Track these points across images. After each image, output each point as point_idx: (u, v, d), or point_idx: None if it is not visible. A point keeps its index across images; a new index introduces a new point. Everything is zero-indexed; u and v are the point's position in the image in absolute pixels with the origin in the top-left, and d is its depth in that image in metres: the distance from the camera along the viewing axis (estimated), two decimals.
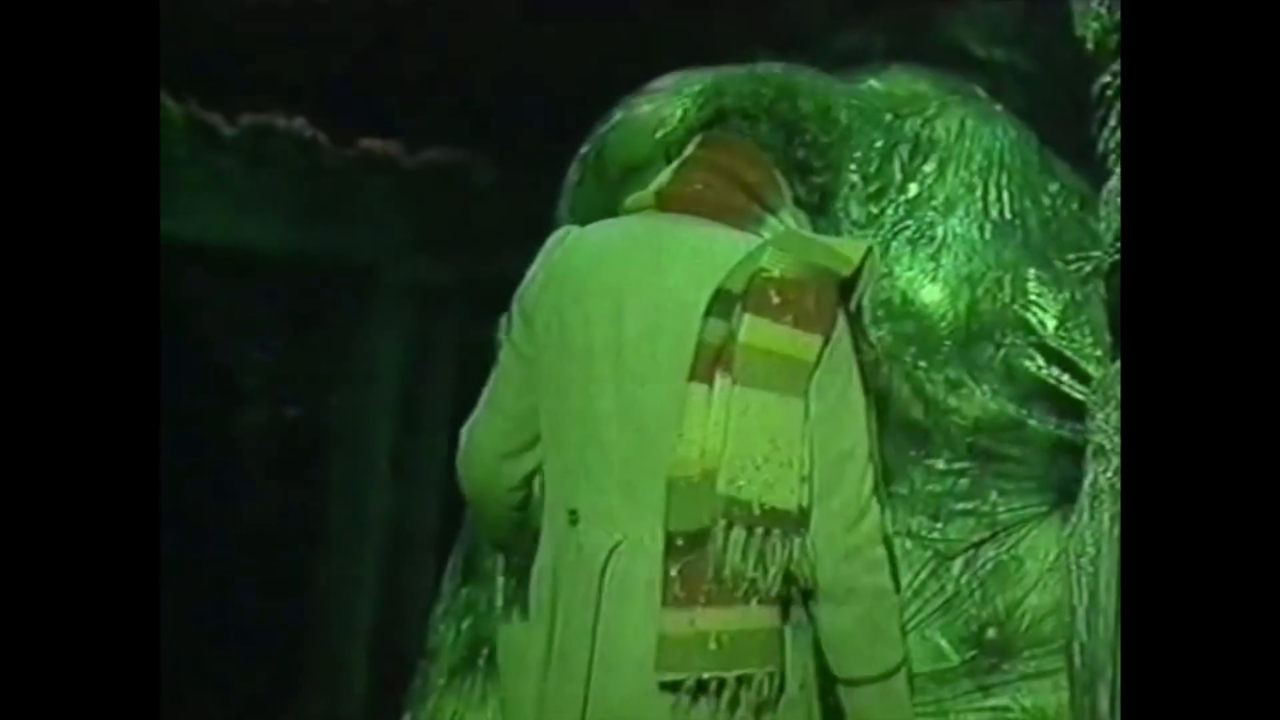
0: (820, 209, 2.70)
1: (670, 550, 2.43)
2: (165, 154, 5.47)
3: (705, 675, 2.40)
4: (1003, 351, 3.05)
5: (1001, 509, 3.08)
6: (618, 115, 3.22)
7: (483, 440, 2.67)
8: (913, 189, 3.12)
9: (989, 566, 3.07)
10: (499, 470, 2.66)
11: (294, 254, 5.86)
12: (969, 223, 3.10)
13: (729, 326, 2.44)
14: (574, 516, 2.53)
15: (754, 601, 2.41)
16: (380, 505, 5.75)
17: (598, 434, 2.52)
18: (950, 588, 3.07)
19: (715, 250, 2.50)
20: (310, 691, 5.73)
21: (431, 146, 5.93)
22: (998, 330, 3.05)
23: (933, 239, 3.08)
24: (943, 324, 3.03)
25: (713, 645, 2.40)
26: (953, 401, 3.04)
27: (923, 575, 3.07)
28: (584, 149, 3.23)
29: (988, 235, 3.10)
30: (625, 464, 2.50)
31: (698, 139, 2.68)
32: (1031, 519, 3.10)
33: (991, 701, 3.08)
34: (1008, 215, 3.12)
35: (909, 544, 3.07)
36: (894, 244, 3.08)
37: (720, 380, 2.43)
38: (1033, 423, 3.06)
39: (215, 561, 5.68)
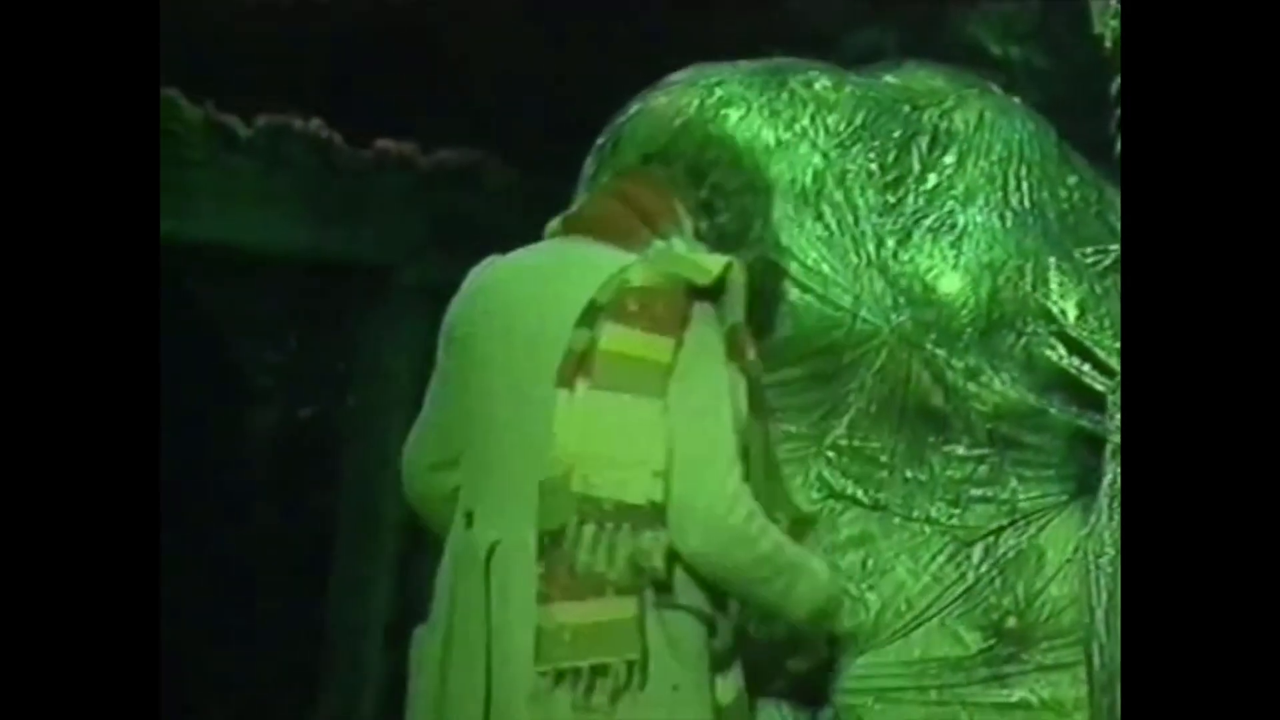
0: (738, 239, 2.80)
1: (541, 549, 2.57)
2: (182, 156, 5.52)
3: (563, 666, 2.53)
4: (1023, 340, 3.06)
5: (1021, 497, 3.09)
6: (635, 107, 3.23)
7: (412, 452, 2.86)
8: (932, 179, 3.12)
9: (1010, 555, 3.08)
10: (430, 480, 2.82)
11: (308, 254, 5.86)
12: (989, 212, 3.10)
13: (593, 335, 2.59)
14: (469, 519, 2.69)
15: (609, 593, 2.53)
16: (393, 505, 5.74)
17: (493, 441, 2.69)
18: (970, 576, 3.07)
19: (599, 268, 2.65)
20: (324, 691, 5.73)
21: (446, 147, 5.94)
22: (1019, 319, 3.05)
23: (953, 227, 3.08)
24: (963, 311, 3.03)
25: (566, 637, 2.53)
26: (972, 388, 3.05)
27: (941, 561, 3.07)
28: (600, 140, 3.24)
29: (1008, 224, 3.10)
30: (511, 468, 2.65)
31: (613, 174, 2.89)
32: (1051, 508, 3.10)
33: (1008, 692, 3.07)
34: (1027, 205, 3.13)
35: (928, 529, 3.08)
36: (915, 232, 3.09)
37: (580, 385, 2.57)
38: (1053, 411, 3.06)
39: (227, 561, 5.68)
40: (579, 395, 2.57)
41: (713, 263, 2.63)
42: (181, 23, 5.27)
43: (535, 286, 2.70)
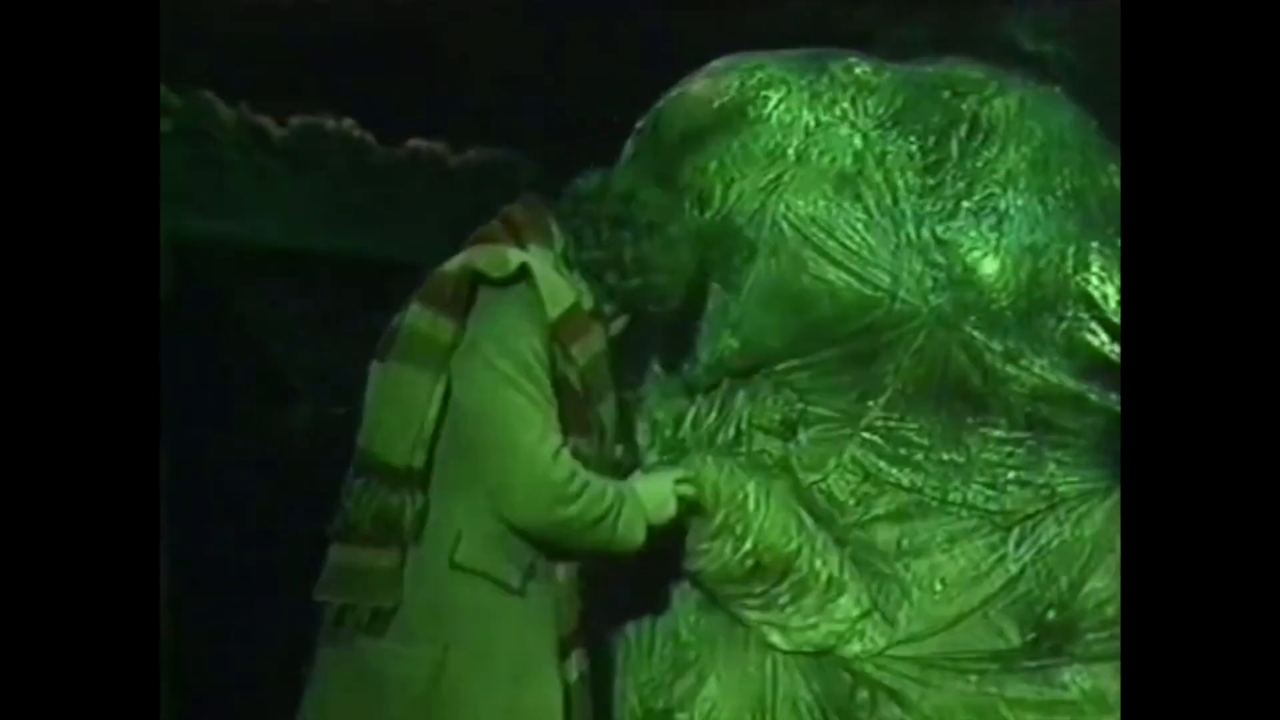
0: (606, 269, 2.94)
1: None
2: (216, 156, 5.55)
3: (320, 598, 2.85)
4: (1064, 324, 3.04)
5: (1059, 481, 3.07)
6: (675, 90, 3.24)
7: None
8: (972, 163, 3.11)
9: (1053, 545, 3.06)
10: None
11: (341, 253, 5.88)
12: (1031, 196, 3.09)
13: (403, 314, 2.87)
14: None
15: (368, 543, 2.80)
16: None
17: None
18: (1012, 566, 3.06)
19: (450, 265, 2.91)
20: None
21: (477, 146, 5.96)
22: (1059, 303, 3.04)
23: (995, 210, 3.07)
24: (1004, 294, 3.02)
25: (326, 576, 2.86)
26: (1011, 371, 3.03)
27: (980, 548, 3.06)
28: (640, 124, 3.24)
29: (1050, 209, 3.09)
30: None
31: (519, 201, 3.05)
32: (1092, 494, 3.08)
33: (1049, 685, 3.06)
34: (1069, 190, 3.11)
35: (965, 514, 3.07)
36: (957, 214, 3.07)
37: (379, 362, 2.86)
38: (1093, 397, 3.04)
39: (260, 560, 5.68)
40: (384, 366, 2.84)
41: (513, 259, 2.82)
42: (214, 25, 5.31)
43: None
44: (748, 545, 3.06)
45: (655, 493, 2.95)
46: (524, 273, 2.81)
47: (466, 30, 5.50)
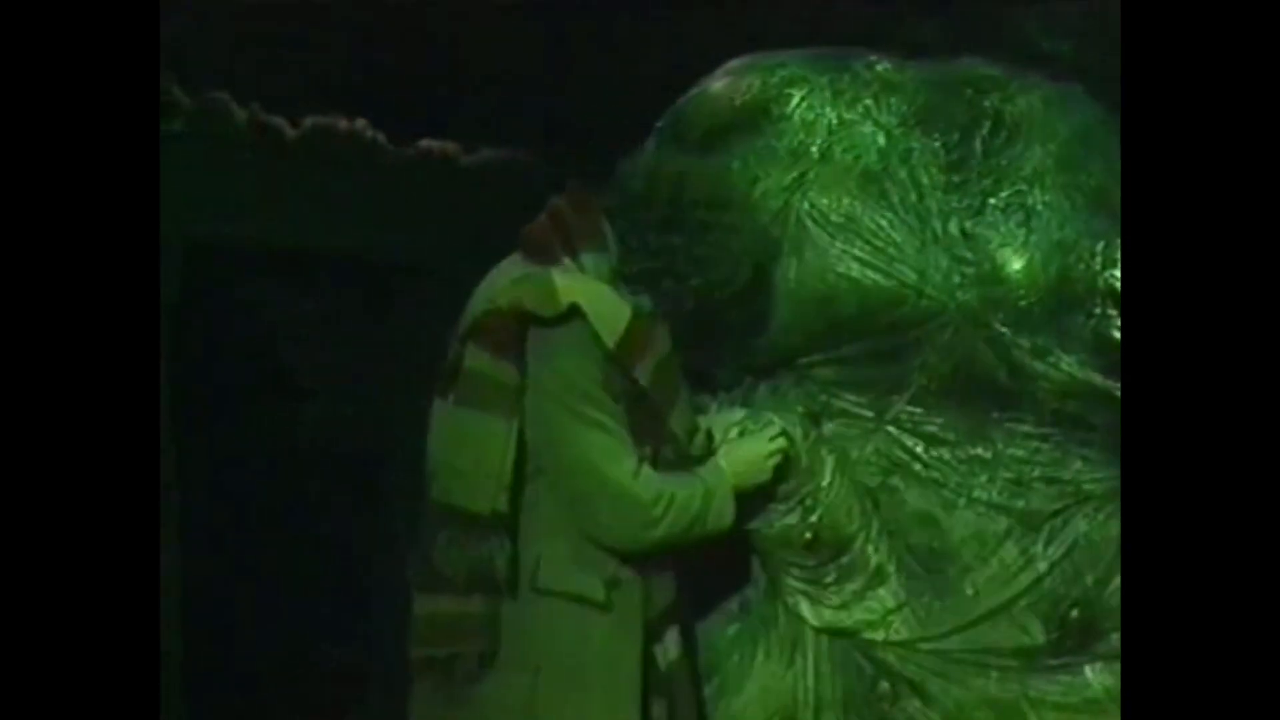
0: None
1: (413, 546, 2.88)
2: (228, 157, 5.55)
3: (422, 652, 2.84)
4: (1093, 321, 3.02)
5: (1085, 478, 3.06)
6: (695, 90, 3.23)
7: None
8: (997, 161, 3.10)
9: (1080, 543, 3.05)
10: None
11: (353, 253, 5.88)
12: (1058, 193, 3.08)
13: (463, 350, 2.82)
14: None
15: (457, 592, 2.79)
16: None
17: None
18: (1041, 565, 3.05)
19: (499, 284, 2.86)
20: (371, 689, 5.71)
21: (489, 146, 5.96)
22: (1088, 299, 3.02)
23: (1022, 207, 3.06)
24: (1032, 290, 3.01)
25: (421, 628, 2.84)
26: (1039, 367, 3.02)
27: (1009, 546, 3.05)
28: (660, 122, 3.24)
29: (1077, 205, 3.07)
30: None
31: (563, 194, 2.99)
32: (1117, 492, 3.03)
33: (1071, 683, 3.06)
34: (1096, 187, 3.09)
35: (993, 514, 3.06)
36: (984, 211, 3.07)
37: (441, 400, 2.83)
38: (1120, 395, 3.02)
39: (271, 560, 5.68)
40: (447, 407, 2.80)
41: (563, 296, 2.78)
42: (227, 26, 5.31)
43: (471, 303, 2.90)
44: (814, 518, 3.06)
45: (748, 458, 2.94)
46: (574, 310, 2.80)
47: (478, 31, 5.50)
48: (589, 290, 2.82)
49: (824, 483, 3.07)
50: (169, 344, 4.87)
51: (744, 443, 2.98)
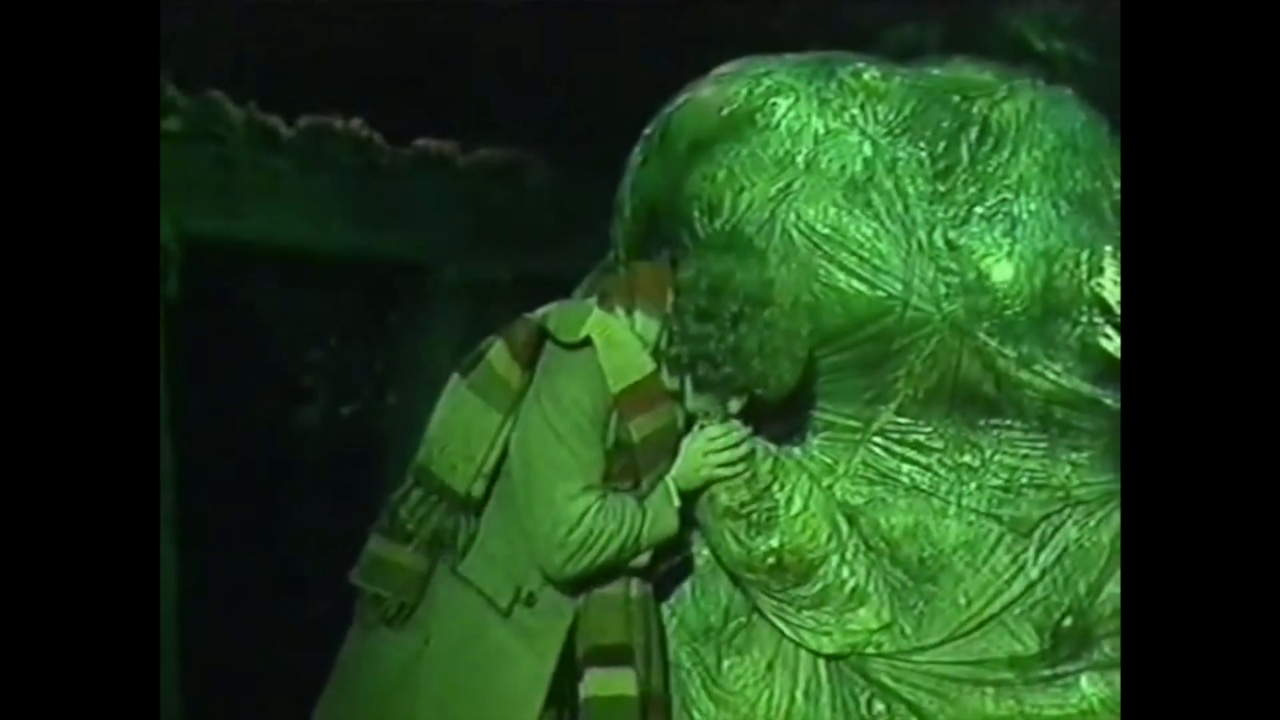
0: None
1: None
2: (225, 156, 5.56)
3: (357, 582, 3.06)
4: (1079, 329, 3.03)
5: (1076, 484, 3.06)
6: (683, 97, 3.23)
7: None
8: (983, 168, 3.10)
9: (1071, 550, 3.05)
10: None
11: (350, 253, 5.89)
12: (1044, 201, 3.07)
13: (493, 342, 3.02)
14: None
15: (411, 546, 2.98)
16: None
17: None
18: (1033, 572, 3.05)
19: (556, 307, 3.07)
20: None
21: (485, 146, 5.97)
22: (1074, 308, 3.03)
23: (1007, 215, 3.06)
24: (1017, 299, 3.01)
25: (367, 562, 3.05)
26: (1025, 376, 3.02)
27: (1001, 555, 3.05)
28: (648, 130, 3.23)
29: (1063, 213, 3.07)
30: None
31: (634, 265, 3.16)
32: (1108, 498, 3.06)
33: (1066, 693, 3.06)
34: (1082, 194, 3.09)
35: (983, 523, 3.05)
36: (969, 220, 3.06)
37: (460, 376, 3.02)
38: (1108, 402, 3.02)
39: (270, 558, 5.70)
40: (461, 385, 3.00)
41: (586, 327, 2.96)
42: (223, 26, 5.32)
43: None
44: (773, 542, 3.06)
45: (687, 454, 3.01)
46: (589, 344, 2.95)
47: (475, 31, 5.51)
48: (616, 335, 2.97)
49: (784, 504, 3.06)
50: (168, 343, 4.88)
51: (690, 443, 3.03)
